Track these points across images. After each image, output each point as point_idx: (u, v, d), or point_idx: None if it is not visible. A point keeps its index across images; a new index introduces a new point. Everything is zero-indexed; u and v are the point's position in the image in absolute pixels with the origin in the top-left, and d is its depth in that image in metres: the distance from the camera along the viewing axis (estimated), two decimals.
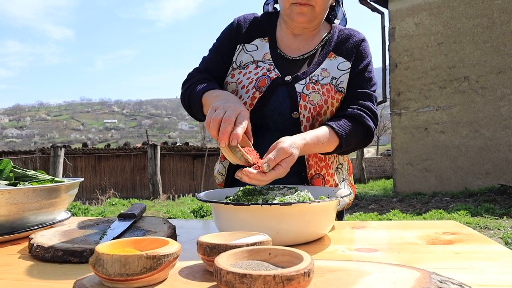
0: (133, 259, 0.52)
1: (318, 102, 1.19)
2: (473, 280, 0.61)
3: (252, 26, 1.33)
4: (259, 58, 1.27)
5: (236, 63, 1.29)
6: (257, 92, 1.21)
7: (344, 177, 1.34)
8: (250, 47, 1.30)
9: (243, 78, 1.25)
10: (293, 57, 1.28)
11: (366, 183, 16.34)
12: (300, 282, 0.47)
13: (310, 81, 1.21)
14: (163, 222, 0.99)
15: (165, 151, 13.85)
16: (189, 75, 1.32)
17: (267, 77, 1.22)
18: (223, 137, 0.90)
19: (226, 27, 1.36)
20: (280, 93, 1.20)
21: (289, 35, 1.31)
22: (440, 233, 0.94)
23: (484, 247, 0.80)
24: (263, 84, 1.21)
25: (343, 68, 1.24)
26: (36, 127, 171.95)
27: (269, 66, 1.24)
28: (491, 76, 9.08)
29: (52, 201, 0.97)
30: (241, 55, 1.29)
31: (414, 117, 10.10)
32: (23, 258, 0.80)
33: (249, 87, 1.22)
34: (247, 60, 1.28)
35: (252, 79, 1.23)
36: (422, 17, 9.94)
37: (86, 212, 7.56)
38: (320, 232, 0.88)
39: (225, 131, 0.91)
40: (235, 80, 1.26)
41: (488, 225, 5.36)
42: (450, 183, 9.49)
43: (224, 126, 0.91)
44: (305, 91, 1.19)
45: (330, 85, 1.21)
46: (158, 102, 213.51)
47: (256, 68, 1.25)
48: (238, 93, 1.24)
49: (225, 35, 1.34)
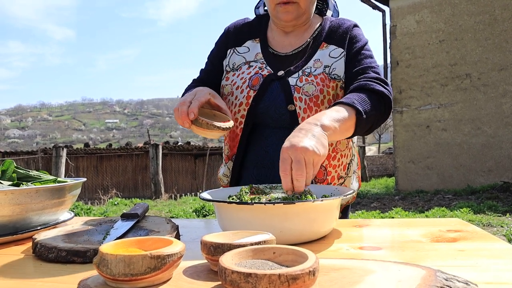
0: (138, 259, 0.52)
1: (313, 93, 1.17)
2: (478, 277, 0.61)
3: (243, 30, 1.36)
4: (251, 59, 1.29)
5: (229, 66, 1.31)
6: (251, 91, 1.22)
7: (355, 169, 1.33)
8: (242, 49, 1.32)
9: (237, 79, 1.27)
10: (286, 53, 1.29)
11: (368, 181, 16.32)
12: (305, 281, 0.46)
13: (303, 73, 1.21)
14: (166, 222, 0.99)
15: (167, 150, 13.85)
16: (187, 86, 1.37)
17: (259, 75, 1.23)
18: (182, 118, 1.01)
19: (219, 37, 1.40)
20: (273, 88, 1.21)
21: (280, 34, 1.32)
22: (444, 231, 0.94)
23: (488, 245, 0.80)
24: (256, 82, 1.22)
25: (335, 55, 1.23)
26: (38, 127, 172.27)
27: (261, 65, 1.26)
28: (493, 73, 9.05)
29: (55, 201, 0.97)
30: (233, 57, 1.32)
31: (416, 115, 10.08)
32: (26, 258, 0.80)
33: (243, 86, 1.24)
34: (240, 61, 1.30)
35: (245, 79, 1.24)
36: (424, 15, 9.91)
37: (88, 212, 7.57)
38: (323, 231, 0.88)
39: (182, 111, 1.01)
40: (230, 82, 1.28)
41: (491, 222, 5.35)
42: (452, 181, 9.47)
43: (180, 108, 1.02)
44: (298, 83, 1.19)
45: (324, 74, 1.20)
46: (160, 101, 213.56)
47: (249, 68, 1.27)
48: (233, 94, 1.26)
49: (218, 45, 1.39)
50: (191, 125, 1.01)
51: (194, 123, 1.01)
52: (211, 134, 1.01)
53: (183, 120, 1.00)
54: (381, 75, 1.19)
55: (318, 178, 1.21)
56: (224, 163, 1.35)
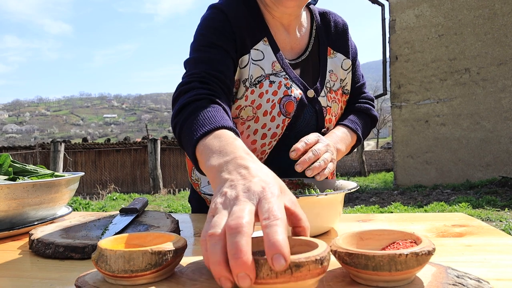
0: (138, 255, 0.50)
1: (337, 112, 1.16)
2: (488, 274, 0.59)
3: (250, 24, 1.06)
4: (269, 71, 1.05)
5: (249, 80, 1.03)
6: (286, 119, 1.05)
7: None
8: (255, 54, 1.04)
9: (261, 100, 1.03)
10: (295, 60, 1.12)
11: (366, 176, 16.34)
12: (310, 269, 0.43)
13: (326, 89, 1.12)
14: (166, 217, 0.97)
15: (165, 145, 13.83)
16: (184, 87, 0.91)
17: (292, 98, 1.04)
18: (244, 278, 0.42)
19: (213, 20, 1.03)
20: (307, 112, 1.09)
21: (280, 29, 1.11)
22: (449, 226, 0.92)
23: (496, 240, 0.78)
24: (291, 109, 1.04)
25: (345, 67, 1.18)
26: (35, 122, 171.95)
27: (285, 82, 1.05)
28: (492, 68, 9.04)
29: (53, 196, 0.95)
30: (251, 68, 1.03)
31: (414, 109, 10.07)
32: (23, 254, 0.78)
33: (274, 112, 1.03)
34: (258, 74, 1.04)
35: (274, 102, 1.03)
36: (423, 9, 9.87)
37: (86, 207, 7.56)
38: (327, 226, 0.86)
39: (240, 263, 0.42)
40: (250, 103, 1.04)
41: (490, 217, 5.36)
42: (451, 176, 9.48)
43: (235, 254, 0.42)
44: (328, 103, 1.12)
45: (340, 89, 1.17)
46: (158, 96, 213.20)
47: (271, 84, 1.04)
48: (259, 120, 1.05)
49: (218, 30, 1.01)
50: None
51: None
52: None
53: (246, 281, 0.42)
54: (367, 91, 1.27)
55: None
56: None
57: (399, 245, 0.54)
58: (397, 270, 0.46)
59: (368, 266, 0.47)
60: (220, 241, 0.45)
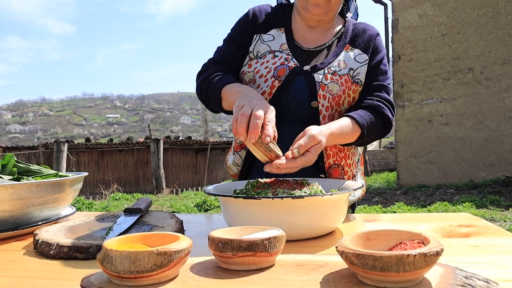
0: (143, 256, 0.50)
1: (336, 92, 1.19)
2: (495, 274, 0.59)
3: (268, 17, 1.31)
4: (276, 48, 1.25)
5: (254, 53, 1.27)
6: (276, 81, 1.19)
7: (359, 167, 1.36)
8: (267, 37, 1.28)
9: (261, 67, 1.23)
10: (309, 48, 1.27)
11: (369, 175, 16.30)
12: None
13: (328, 71, 1.21)
14: (170, 217, 0.97)
15: (168, 145, 13.83)
16: (204, 66, 1.29)
17: (286, 66, 1.20)
18: (254, 132, 0.88)
19: (241, 17, 1.34)
20: (299, 82, 1.20)
21: (304, 27, 1.30)
22: (455, 226, 0.92)
23: (503, 240, 0.78)
24: (282, 73, 1.20)
25: (360, 60, 1.25)
26: (39, 122, 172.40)
27: (286, 56, 1.23)
28: (496, 67, 8.99)
29: (57, 196, 0.95)
30: (258, 45, 1.27)
31: (417, 109, 10.04)
32: (27, 254, 0.78)
33: (268, 76, 1.21)
34: (264, 50, 1.26)
35: (270, 68, 1.21)
36: (426, 8, 9.84)
37: (90, 207, 7.57)
38: (332, 226, 0.85)
39: (256, 126, 0.88)
40: (252, 70, 1.24)
41: (494, 217, 5.34)
42: (454, 175, 9.44)
43: (254, 121, 0.89)
44: (324, 80, 1.19)
45: (348, 76, 1.22)
46: (160, 96, 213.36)
47: (274, 57, 1.23)
48: (255, 82, 1.23)
49: (241, 25, 1.32)
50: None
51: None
52: (263, 155, 0.91)
53: (253, 135, 0.88)
54: (391, 95, 1.27)
55: (335, 178, 1.23)
56: (234, 151, 1.33)
57: (407, 245, 0.53)
58: (405, 271, 0.46)
59: (375, 267, 0.46)
60: (246, 118, 0.90)
